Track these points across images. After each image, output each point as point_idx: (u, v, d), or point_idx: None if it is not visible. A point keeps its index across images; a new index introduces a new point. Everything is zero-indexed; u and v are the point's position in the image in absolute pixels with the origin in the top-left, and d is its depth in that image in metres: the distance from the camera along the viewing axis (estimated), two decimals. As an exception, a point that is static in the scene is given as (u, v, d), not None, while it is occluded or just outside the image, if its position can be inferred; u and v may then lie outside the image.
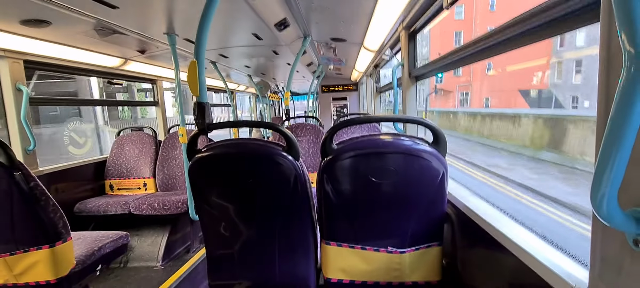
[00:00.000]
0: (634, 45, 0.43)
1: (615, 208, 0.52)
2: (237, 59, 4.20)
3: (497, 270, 1.16)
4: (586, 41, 17.11)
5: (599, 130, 0.62)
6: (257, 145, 1.45)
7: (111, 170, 3.57)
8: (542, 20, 0.94)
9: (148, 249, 3.04)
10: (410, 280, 1.46)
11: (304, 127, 3.62)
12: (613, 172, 0.49)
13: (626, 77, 0.44)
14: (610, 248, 0.63)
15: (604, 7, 0.61)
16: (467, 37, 20.73)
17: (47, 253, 1.75)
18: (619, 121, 0.46)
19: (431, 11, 2.02)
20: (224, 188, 1.48)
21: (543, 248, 0.93)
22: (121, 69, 3.54)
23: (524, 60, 21.52)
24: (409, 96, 2.66)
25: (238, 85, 7.15)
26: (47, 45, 2.61)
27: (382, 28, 2.70)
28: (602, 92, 0.62)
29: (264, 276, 1.58)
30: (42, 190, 1.70)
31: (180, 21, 2.40)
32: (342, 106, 7.88)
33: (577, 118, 11.98)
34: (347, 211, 1.41)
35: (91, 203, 3.09)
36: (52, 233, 1.76)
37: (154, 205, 2.96)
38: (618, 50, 0.45)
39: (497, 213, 1.23)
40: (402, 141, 1.32)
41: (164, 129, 4.30)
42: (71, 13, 2.01)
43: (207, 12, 1.51)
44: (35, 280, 1.78)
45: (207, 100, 1.55)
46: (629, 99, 0.44)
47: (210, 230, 1.58)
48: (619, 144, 0.47)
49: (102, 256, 2.13)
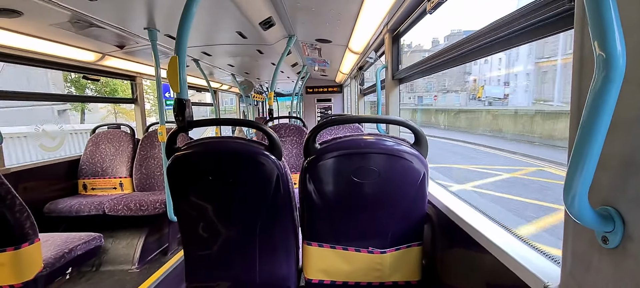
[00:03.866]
0: (605, 50, 0.45)
1: (586, 207, 0.54)
2: (220, 57, 4.12)
3: (475, 268, 1.19)
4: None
5: (571, 133, 0.64)
6: (239, 143, 1.42)
7: (85, 169, 3.41)
8: (520, 25, 0.97)
9: (123, 251, 2.92)
10: (391, 280, 1.47)
11: (287, 128, 3.59)
12: (584, 173, 0.50)
13: (597, 81, 0.46)
14: (580, 246, 0.65)
15: (577, 13, 0.64)
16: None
17: (12, 256, 1.64)
18: (590, 124, 0.48)
19: (414, 15, 2.06)
20: (204, 188, 1.44)
21: (519, 247, 0.96)
22: (98, 64, 3.39)
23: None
24: (392, 98, 2.69)
25: (221, 84, 7.03)
26: (18, 37, 2.47)
27: (366, 30, 2.73)
28: (575, 96, 0.65)
29: (244, 277, 1.55)
30: (8, 188, 1.60)
31: (162, 16, 2.33)
32: (326, 108, 7.90)
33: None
34: (328, 211, 1.41)
35: (62, 203, 2.94)
36: (18, 234, 1.66)
37: (131, 205, 2.85)
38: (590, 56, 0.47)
39: (476, 214, 1.26)
40: (384, 142, 1.33)
41: (142, 127, 4.16)
42: (45, 3, 1.91)
43: (189, 7, 1.47)
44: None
45: (188, 97, 1.51)
46: (600, 102, 0.46)
47: (189, 231, 1.54)
48: (590, 145, 0.49)
49: (72, 258, 2.02)
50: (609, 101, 0.46)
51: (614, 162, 0.57)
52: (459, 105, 32.88)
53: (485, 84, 32.29)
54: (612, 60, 0.44)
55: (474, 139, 14.63)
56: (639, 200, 0.53)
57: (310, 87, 7.77)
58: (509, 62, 29.73)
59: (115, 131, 3.64)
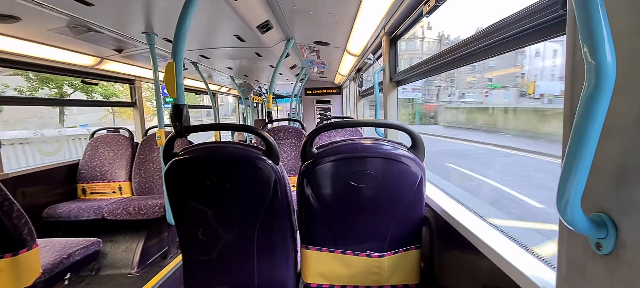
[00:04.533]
0: (595, 58, 0.45)
1: (579, 214, 0.54)
2: (219, 60, 4.13)
3: (472, 272, 1.19)
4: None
5: (564, 139, 0.64)
6: (236, 148, 1.42)
7: (84, 174, 3.41)
8: (514, 31, 0.98)
9: (122, 256, 2.92)
10: (389, 284, 1.47)
11: (286, 130, 3.60)
12: (576, 179, 0.51)
13: (588, 87, 0.46)
14: (575, 252, 0.65)
15: (569, 21, 0.64)
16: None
17: (9, 263, 1.64)
18: (582, 130, 0.48)
19: (411, 18, 2.07)
20: (202, 193, 1.44)
21: (515, 251, 0.96)
22: (97, 68, 3.40)
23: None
24: (390, 100, 2.69)
25: (220, 87, 7.03)
26: (16, 42, 2.47)
27: (364, 33, 2.73)
28: (568, 102, 0.65)
29: (243, 281, 1.55)
30: (5, 194, 1.60)
31: (160, 20, 2.34)
32: (326, 109, 7.90)
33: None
34: (326, 215, 1.41)
35: (61, 208, 2.94)
36: (16, 240, 1.65)
37: (129, 209, 2.85)
38: (582, 62, 0.47)
39: (474, 217, 1.26)
40: (382, 146, 1.33)
41: (141, 131, 4.16)
42: (43, 9, 1.92)
43: (186, 11, 1.47)
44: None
45: (185, 102, 1.51)
46: (591, 108, 0.46)
47: (187, 235, 1.54)
48: (582, 152, 0.49)
49: (71, 264, 2.02)
50: (600, 108, 0.46)
51: (606, 168, 0.57)
52: (506, 103, 27.19)
53: (536, 79, 28.29)
54: (602, 68, 0.44)
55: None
56: (631, 207, 0.53)
57: (309, 89, 7.78)
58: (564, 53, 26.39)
59: (113, 135, 3.64)
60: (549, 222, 5.24)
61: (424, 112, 25.31)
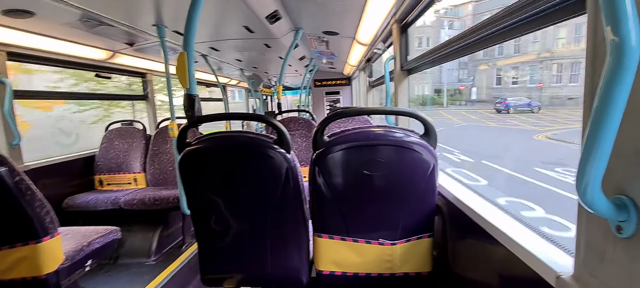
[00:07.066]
0: (619, 35, 0.43)
1: (599, 196, 0.53)
2: (228, 52, 4.14)
3: (486, 259, 1.18)
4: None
5: (585, 121, 0.62)
6: (248, 138, 1.44)
7: (100, 165, 3.51)
8: (532, 11, 0.95)
9: (139, 245, 3.01)
10: (402, 272, 1.48)
11: (296, 121, 3.60)
12: (597, 161, 0.49)
13: (609, 66, 0.45)
14: (594, 236, 0.64)
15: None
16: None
17: (34, 249, 1.71)
18: (603, 111, 0.47)
19: (422, 4, 2.02)
20: (215, 182, 1.47)
21: (531, 237, 0.94)
22: (109, 61, 3.46)
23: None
24: (401, 89, 2.66)
25: (230, 79, 7.07)
26: (31, 37, 2.53)
27: (373, 21, 2.69)
28: (588, 83, 0.63)
29: (256, 269, 1.58)
30: (28, 185, 1.67)
31: (169, 12, 2.36)
32: (335, 101, 7.86)
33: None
34: (338, 204, 1.42)
35: (80, 198, 3.04)
36: (39, 228, 1.72)
37: (145, 200, 2.93)
38: (603, 41, 0.46)
39: (487, 205, 1.25)
40: (393, 133, 1.32)
41: (154, 124, 4.23)
42: (56, 3, 1.95)
43: (196, 2, 1.48)
44: (22, 276, 1.75)
45: (197, 93, 1.53)
46: (613, 89, 0.45)
47: (202, 224, 1.57)
48: (603, 133, 0.48)
49: (91, 251, 2.10)
50: (622, 88, 0.45)
51: (628, 150, 0.55)
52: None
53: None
54: (625, 46, 0.43)
55: None
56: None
57: (319, 80, 7.74)
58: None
59: (127, 128, 3.72)
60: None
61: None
